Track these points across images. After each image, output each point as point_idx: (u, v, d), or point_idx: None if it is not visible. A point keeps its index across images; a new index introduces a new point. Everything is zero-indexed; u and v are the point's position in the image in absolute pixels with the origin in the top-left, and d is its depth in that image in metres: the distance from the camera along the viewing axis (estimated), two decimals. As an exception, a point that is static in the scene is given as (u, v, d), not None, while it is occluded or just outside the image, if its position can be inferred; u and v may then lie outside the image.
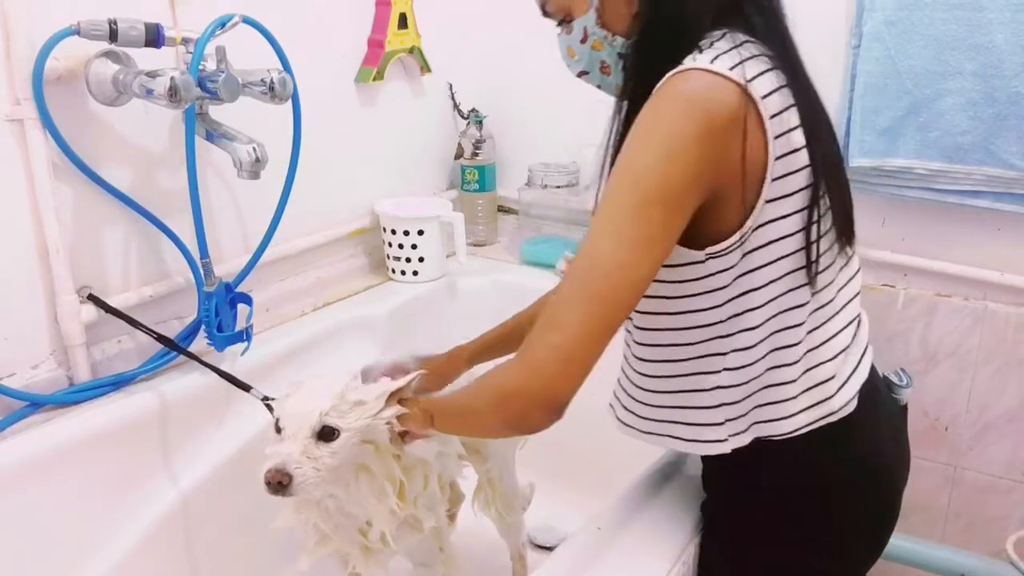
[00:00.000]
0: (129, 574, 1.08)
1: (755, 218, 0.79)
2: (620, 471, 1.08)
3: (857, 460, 0.90)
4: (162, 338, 1.17)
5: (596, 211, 0.78)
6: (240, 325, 1.25)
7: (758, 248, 0.80)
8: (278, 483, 0.83)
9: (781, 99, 0.79)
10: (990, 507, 1.50)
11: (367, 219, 1.64)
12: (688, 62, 0.77)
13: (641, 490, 1.02)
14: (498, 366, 0.80)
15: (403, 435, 0.93)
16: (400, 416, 0.91)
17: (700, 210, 0.78)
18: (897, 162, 1.37)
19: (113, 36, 1.03)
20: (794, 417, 0.86)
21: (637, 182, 0.75)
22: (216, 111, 1.17)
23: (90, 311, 1.12)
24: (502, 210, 1.89)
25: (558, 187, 1.72)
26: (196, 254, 1.18)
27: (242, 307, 1.26)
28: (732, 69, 0.76)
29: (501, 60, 1.81)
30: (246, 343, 1.25)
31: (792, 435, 0.86)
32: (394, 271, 1.65)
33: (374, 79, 1.56)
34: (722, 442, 0.87)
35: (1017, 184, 1.31)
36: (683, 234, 0.78)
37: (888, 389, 0.99)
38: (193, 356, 1.17)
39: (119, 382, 1.16)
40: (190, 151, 1.11)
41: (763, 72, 0.78)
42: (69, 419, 1.07)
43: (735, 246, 0.79)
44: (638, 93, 0.81)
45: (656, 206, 0.74)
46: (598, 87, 0.95)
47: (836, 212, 0.85)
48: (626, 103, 0.85)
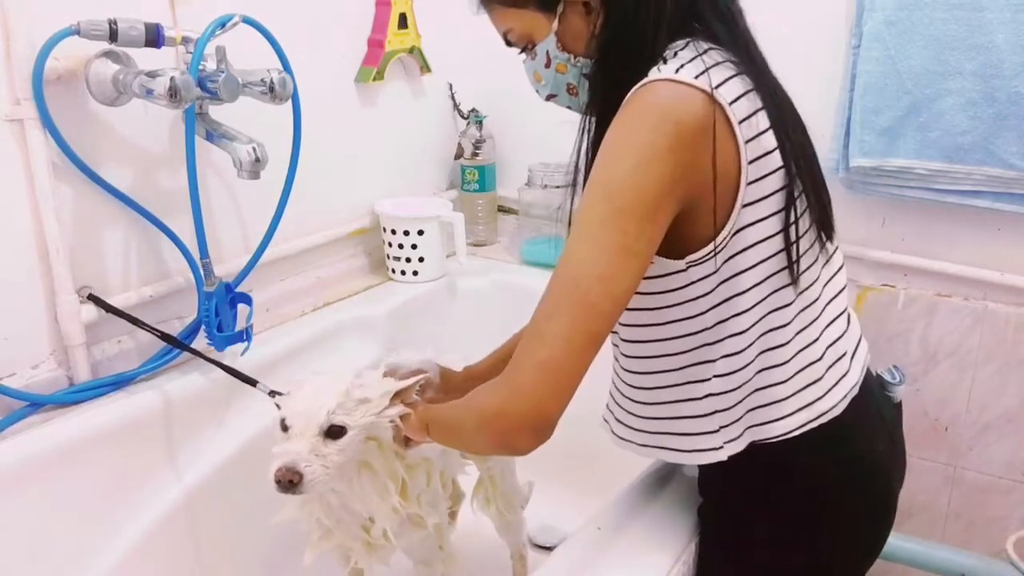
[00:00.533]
0: (130, 574, 1.08)
1: (733, 223, 0.79)
2: (620, 471, 1.08)
3: (852, 460, 0.90)
4: (165, 335, 1.17)
5: (572, 226, 0.78)
6: (240, 325, 1.25)
7: (739, 252, 0.81)
8: (288, 481, 0.84)
9: (749, 103, 0.79)
10: (990, 507, 1.50)
11: (367, 219, 1.64)
12: (653, 73, 0.77)
13: (641, 490, 1.02)
14: (485, 385, 0.80)
15: (406, 441, 0.94)
16: (402, 418, 0.91)
17: (677, 219, 0.78)
18: (897, 162, 1.37)
19: (113, 36, 1.03)
20: (788, 418, 0.86)
21: (611, 195, 0.75)
22: (216, 111, 1.17)
23: (90, 311, 1.12)
24: (502, 210, 1.89)
25: (558, 187, 1.71)
26: (196, 254, 1.18)
27: (242, 307, 1.26)
28: (697, 77, 0.76)
29: (501, 60, 1.79)
30: (246, 343, 1.25)
31: (786, 437, 0.86)
32: (394, 271, 1.65)
33: (374, 79, 1.56)
34: (718, 449, 0.87)
35: (1017, 184, 1.31)
36: (662, 244, 0.78)
37: (882, 387, 0.99)
38: (197, 352, 1.17)
39: (119, 382, 1.16)
40: (190, 151, 1.11)
41: (729, 78, 0.79)
42: (69, 419, 1.07)
43: (715, 252, 0.79)
44: (605, 109, 0.82)
45: (631, 218, 0.74)
46: (568, 108, 0.96)
47: (813, 210, 0.85)
48: (593, 120, 0.86)
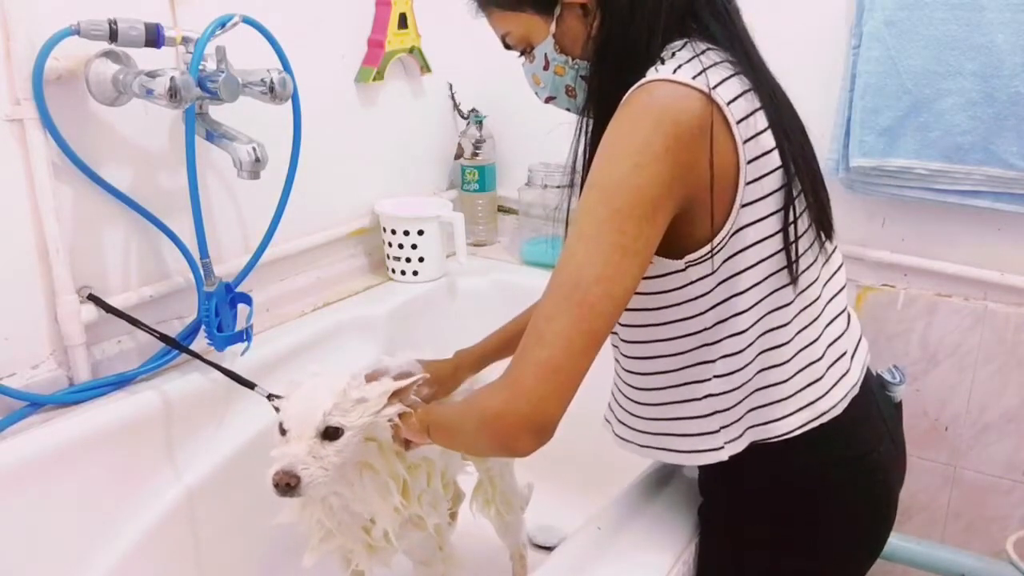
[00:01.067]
0: (130, 574, 1.08)
1: (732, 223, 0.79)
2: (620, 471, 1.09)
3: (852, 460, 0.90)
4: (164, 337, 1.17)
5: (570, 227, 0.78)
6: (240, 325, 1.25)
7: (738, 252, 0.81)
8: (286, 485, 0.84)
9: (747, 103, 0.79)
10: (990, 507, 1.50)
11: (367, 219, 1.64)
12: (651, 74, 0.78)
13: (641, 490, 1.02)
14: (485, 387, 0.80)
15: (407, 443, 0.94)
16: (402, 416, 0.92)
17: (676, 219, 0.78)
18: (897, 162, 1.37)
19: (113, 36, 1.03)
20: (789, 418, 0.86)
21: (609, 196, 0.75)
22: (216, 111, 1.17)
23: (90, 311, 1.12)
24: (502, 210, 1.89)
25: (558, 187, 1.71)
26: (196, 254, 1.18)
27: (242, 307, 1.26)
28: (695, 78, 0.76)
29: (501, 60, 1.79)
30: (246, 343, 1.25)
31: (787, 436, 0.86)
32: (394, 271, 1.65)
33: (374, 79, 1.56)
34: (718, 450, 0.87)
35: (1017, 184, 1.31)
36: (661, 244, 0.78)
37: (882, 387, 0.99)
38: (195, 354, 1.17)
39: (119, 382, 1.16)
40: (190, 151, 1.11)
41: (727, 78, 0.79)
42: (69, 419, 1.07)
43: (714, 252, 0.79)
44: (602, 110, 0.82)
45: (630, 218, 0.74)
46: (567, 110, 0.96)
47: (812, 209, 0.85)
48: (591, 121, 0.86)
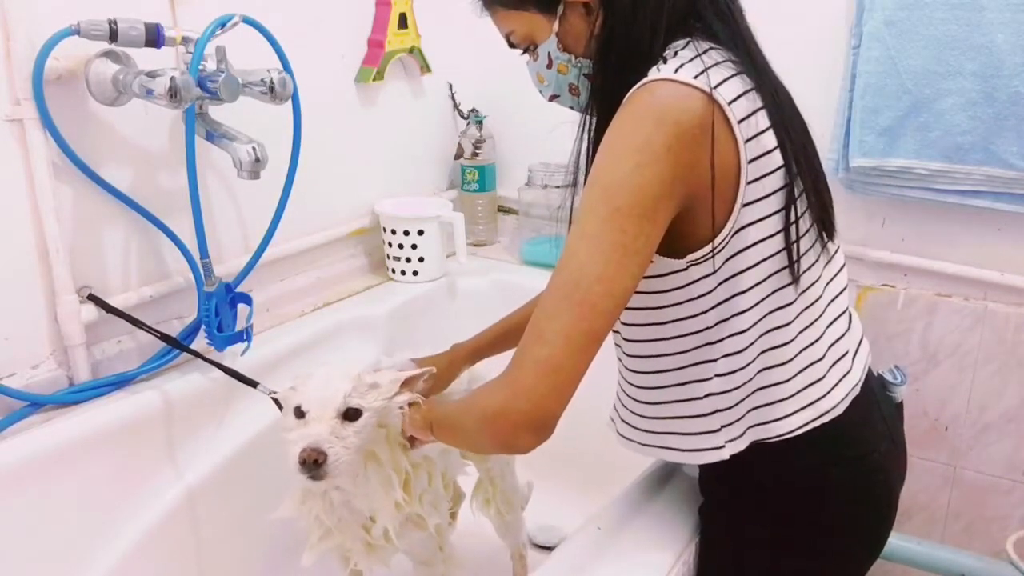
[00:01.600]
0: (130, 574, 1.08)
1: (733, 222, 0.79)
2: (620, 471, 1.09)
3: (853, 459, 0.90)
4: (165, 336, 1.17)
5: (572, 226, 0.78)
6: (240, 325, 1.25)
7: (740, 252, 0.81)
8: (314, 462, 0.85)
9: (749, 102, 0.79)
10: (990, 507, 1.50)
11: (367, 219, 1.64)
12: (653, 73, 0.78)
13: (641, 490, 1.02)
14: (486, 384, 0.80)
15: (411, 441, 0.94)
16: (410, 405, 0.93)
17: (677, 218, 0.78)
18: (897, 162, 1.37)
19: (113, 36, 1.03)
20: (790, 418, 0.86)
21: (611, 195, 0.75)
22: (216, 111, 1.17)
23: (90, 311, 1.12)
24: (502, 210, 1.89)
25: (558, 187, 1.71)
26: (196, 254, 1.18)
27: (242, 307, 1.26)
28: (697, 77, 0.76)
29: (501, 60, 1.79)
30: (246, 343, 1.25)
31: (788, 436, 0.86)
32: (394, 271, 1.65)
33: (374, 79, 1.56)
34: (719, 449, 0.87)
35: (1017, 184, 1.31)
36: (663, 243, 0.78)
37: (883, 387, 0.99)
38: (196, 353, 1.17)
39: (119, 382, 1.16)
40: (190, 151, 1.11)
41: (729, 78, 0.79)
42: (69, 419, 1.07)
43: (715, 251, 0.79)
44: (604, 109, 0.82)
45: (630, 217, 0.74)
46: (571, 108, 0.96)
47: (814, 209, 0.85)
48: (594, 119, 0.86)
